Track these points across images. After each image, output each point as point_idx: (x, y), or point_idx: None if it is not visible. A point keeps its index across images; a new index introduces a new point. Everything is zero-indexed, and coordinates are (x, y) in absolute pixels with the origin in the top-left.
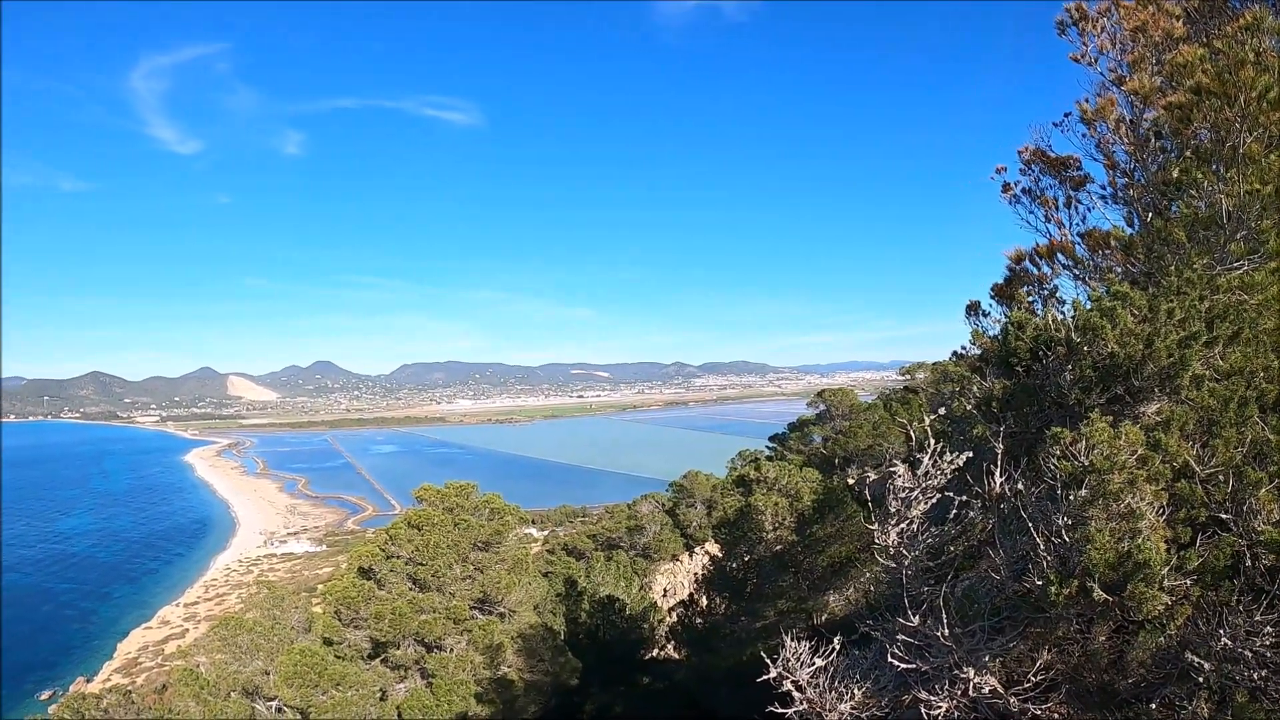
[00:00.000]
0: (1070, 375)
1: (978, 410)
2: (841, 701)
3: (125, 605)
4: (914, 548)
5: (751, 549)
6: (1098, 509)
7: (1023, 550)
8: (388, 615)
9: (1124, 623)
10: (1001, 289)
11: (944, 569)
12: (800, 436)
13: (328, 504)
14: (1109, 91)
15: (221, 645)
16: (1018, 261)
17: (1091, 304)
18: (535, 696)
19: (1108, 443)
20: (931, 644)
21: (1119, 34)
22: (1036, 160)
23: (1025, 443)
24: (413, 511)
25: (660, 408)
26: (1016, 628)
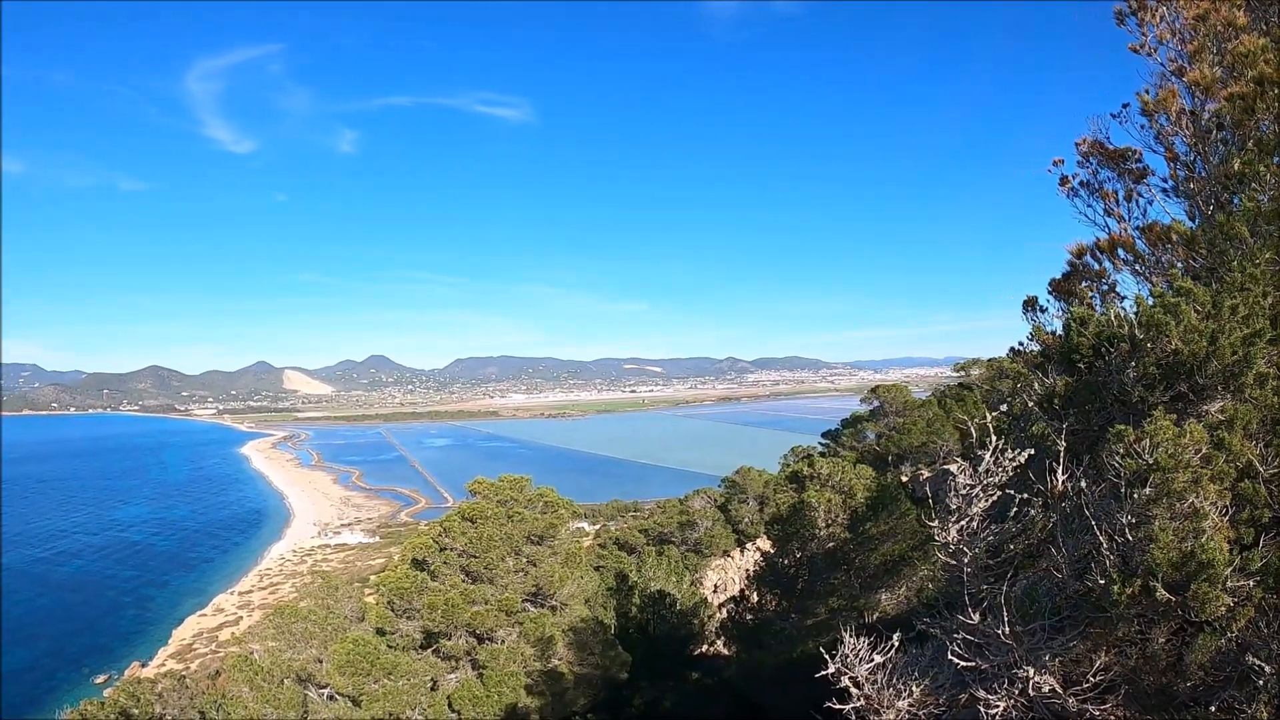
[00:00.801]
0: (1133, 372)
1: (1039, 407)
2: (899, 699)
3: (182, 593)
4: (974, 545)
5: (803, 546)
6: (1161, 508)
7: (1085, 549)
8: (440, 606)
9: (1184, 624)
10: (1060, 284)
11: (1004, 567)
12: (854, 433)
13: (381, 496)
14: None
15: (276, 633)
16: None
17: (1154, 300)
18: (584, 689)
19: (1171, 441)
20: (991, 642)
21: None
22: (1095, 152)
23: (1087, 440)
24: (466, 504)
25: (713, 403)
26: (1077, 627)
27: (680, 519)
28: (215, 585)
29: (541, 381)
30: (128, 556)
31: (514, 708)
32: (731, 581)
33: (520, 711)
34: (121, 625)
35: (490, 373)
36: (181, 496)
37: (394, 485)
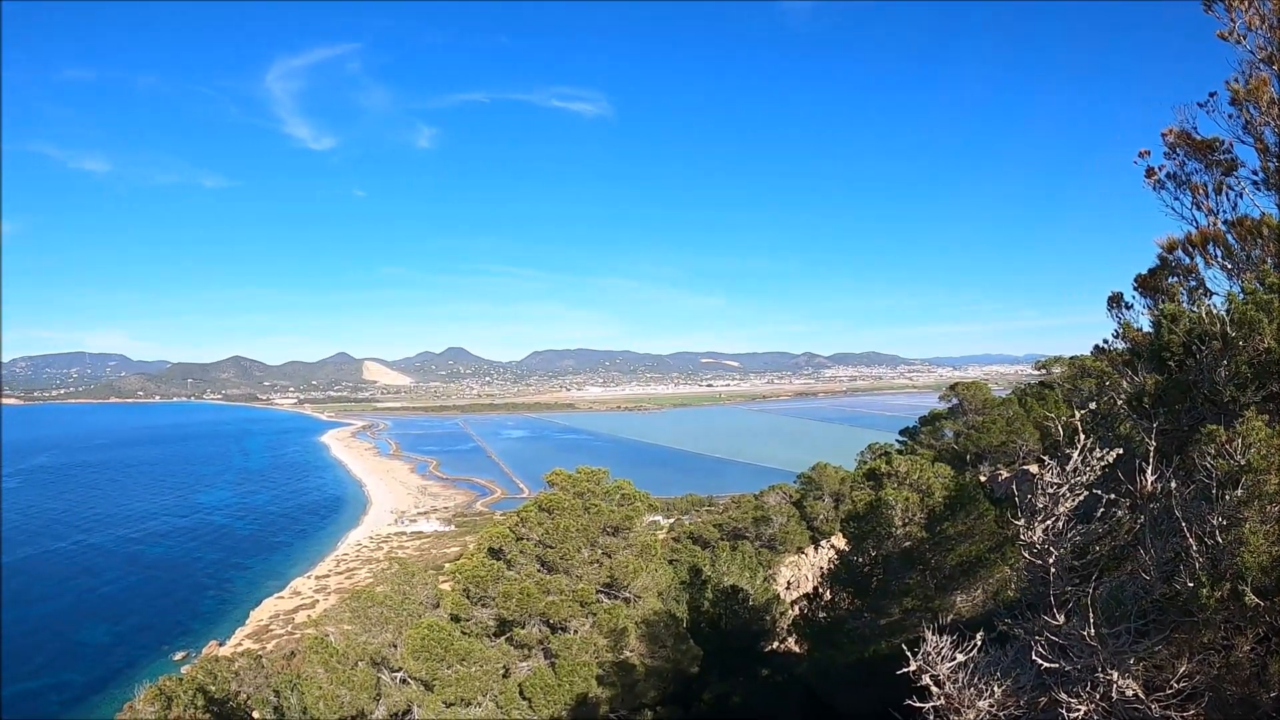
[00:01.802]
0: (1225, 371)
1: (1128, 406)
2: (980, 699)
3: (260, 575)
4: (1060, 545)
5: (879, 544)
6: (1252, 510)
7: (1173, 551)
8: (515, 595)
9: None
10: (1146, 280)
11: (1089, 568)
12: (931, 431)
13: (457, 486)
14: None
15: (352, 616)
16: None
17: (1246, 296)
18: (655, 682)
19: (1264, 442)
20: (1074, 644)
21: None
22: (1181, 143)
23: (1177, 440)
24: (543, 495)
25: (789, 398)
26: (1162, 631)
27: (755, 514)
28: (293, 569)
29: (618, 375)
30: (210, 539)
31: (584, 698)
32: (805, 578)
33: (591, 702)
34: (201, 605)
35: (567, 365)
36: (262, 483)
37: (470, 475)
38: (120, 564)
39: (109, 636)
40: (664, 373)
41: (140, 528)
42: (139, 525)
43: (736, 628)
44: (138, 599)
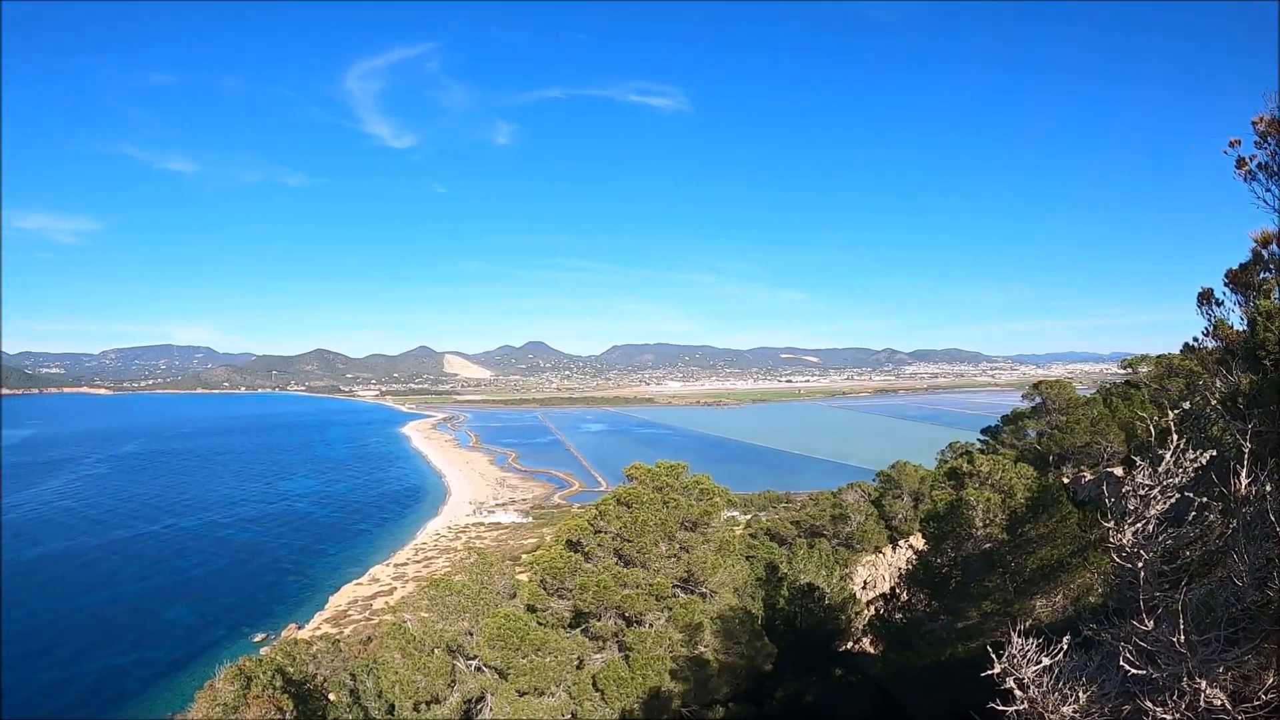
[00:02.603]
0: None
1: (1221, 406)
2: (1064, 704)
3: (339, 562)
4: (1150, 549)
5: (958, 545)
6: None
7: (1266, 557)
8: (592, 587)
9: None
10: (1237, 275)
11: (1179, 573)
12: (1014, 430)
13: (536, 478)
14: None
15: (429, 604)
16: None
17: None
18: (729, 678)
19: None
20: (1162, 651)
21: None
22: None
23: (1272, 443)
24: (623, 489)
25: (869, 395)
26: (1252, 640)
27: (833, 512)
28: (372, 556)
29: (697, 369)
30: (292, 526)
31: (658, 691)
32: (882, 578)
33: (664, 696)
34: (282, 589)
35: (647, 360)
36: (344, 472)
37: (549, 468)
38: (205, 548)
39: (192, 617)
40: (743, 368)
41: (225, 514)
42: (224, 511)
43: (811, 626)
44: (221, 582)
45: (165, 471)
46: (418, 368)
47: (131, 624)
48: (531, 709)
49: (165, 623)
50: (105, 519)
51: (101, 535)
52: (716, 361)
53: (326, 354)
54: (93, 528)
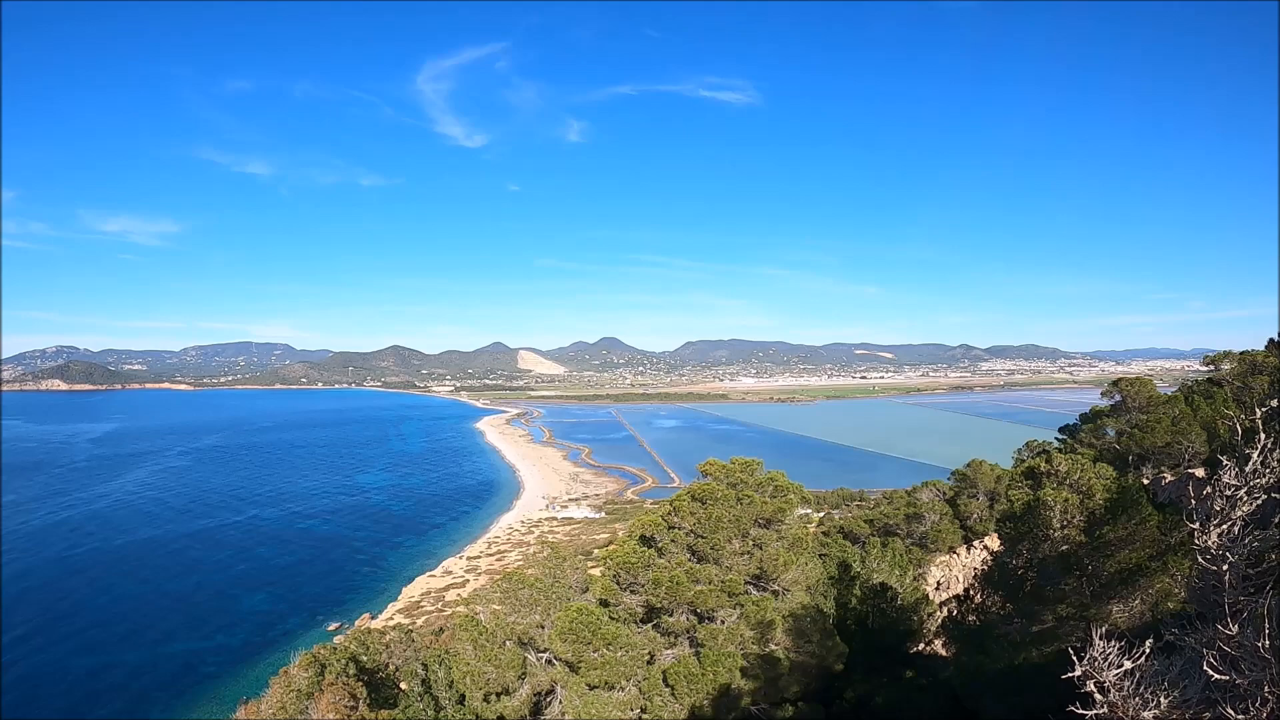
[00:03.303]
0: None
1: None
2: (1145, 709)
3: (413, 554)
4: (1235, 551)
5: (1034, 546)
6: None
7: None
8: (665, 583)
9: None
10: None
11: (1264, 576)
12: (1092, 429)
13: (609, 474)
14: None
15: (502, 597)
16: None
17: None
18: (799, 676)
19: None
20: (1246, 657)
21: None
22: None
23: None
24: (697, 484)
25: (945, 392)
26: None
27: (907, 511)
28: (445, 549)
29: (771, 365)
30: (367, 518)
31: (727, 689)
32: (955, 579)
33: (733, 693)
34: (356, 580)
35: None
36: (419, 466)
37: (622, 464)
38: (284, 538)
39: (269, 605)
40: (817, 364)
41: (303, 505)
42: (302, 503)
43: (883, 626)
44: (298, 572)
45: (245, 464)
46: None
47: (211, 610)
48: (601, 703)
49: (243, 610)
50: (191, 509)
51: (186, 525)
52: (790, 357)
53: (402, 350)
54: (178, 517)
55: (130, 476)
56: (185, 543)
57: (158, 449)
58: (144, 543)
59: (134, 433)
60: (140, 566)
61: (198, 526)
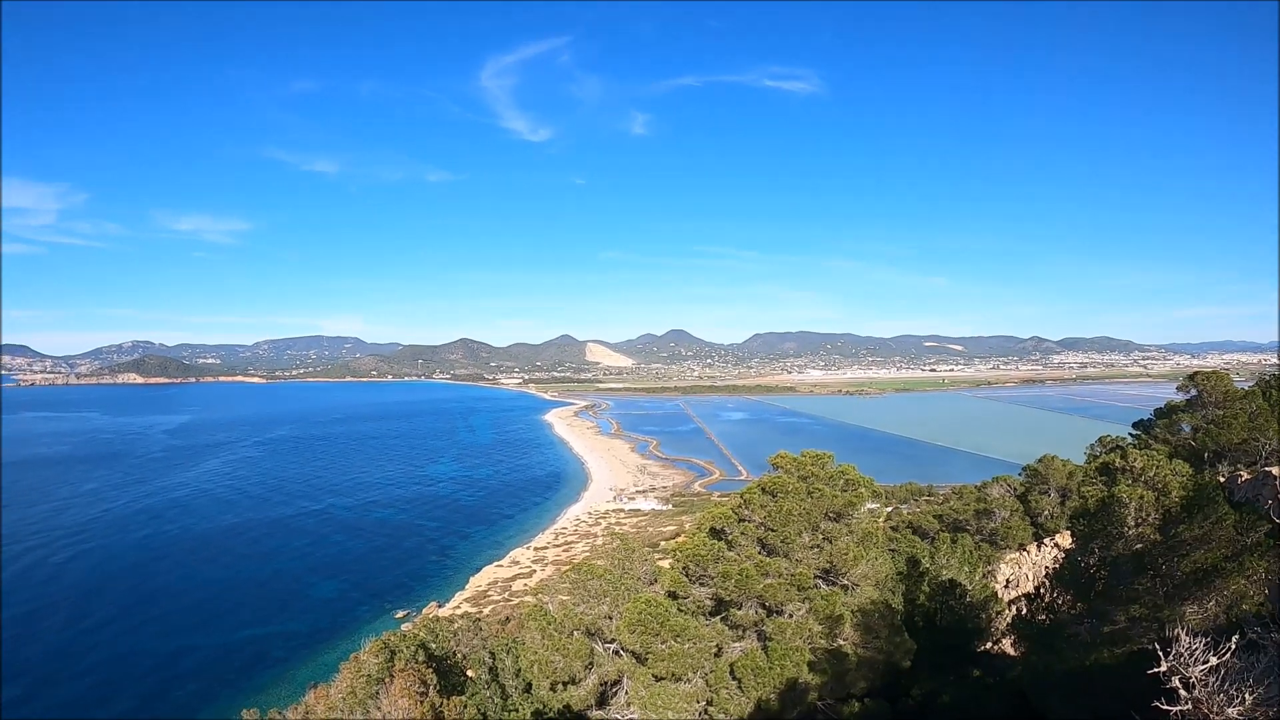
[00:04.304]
0: None
1: None
2: (1229, 706)
3: (481, 544)
4: None
5: (1108, 545)
6: None
7: None
8: (734, 576)
9: None
10: None
11: None
12: (1167, 424)
13: (676, 466)
14: None
15: (571, 587)
16: None
17: None
18: (866, 672)
19: None
20: None
21: None
22: None
23: None
24: (767, 477)
25: (1015, 385)
26: None
27: (976, 506)
28: (513, 540)
29: (839, 358)
30: (435, 508)
31: (794, 683)
32: (1024, 577)
33: (800, 687)
34: (424, 569)
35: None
36: (486, 457)
37: (689, 456)
38: (356, 526)
39: (337, 592)
40: (886, 356)
41: (375, 495)
42: (374, 492)
43: (951, 624)
44: (366, 560)
45: (318, 455)
46: (560, 356)
47: (285, 596)
48: (667, 695)
49: (313, 596)
50: (270, 497)
51: (266, 512)
52: (859, 349)
53: (471, 343)
54: (258, 505)
55: (205, 466)
56: (266, 529)
57: (231, 440)
58: (226, 529)
59: (208, 424)
60: (222, 552)
61: (277, 514)
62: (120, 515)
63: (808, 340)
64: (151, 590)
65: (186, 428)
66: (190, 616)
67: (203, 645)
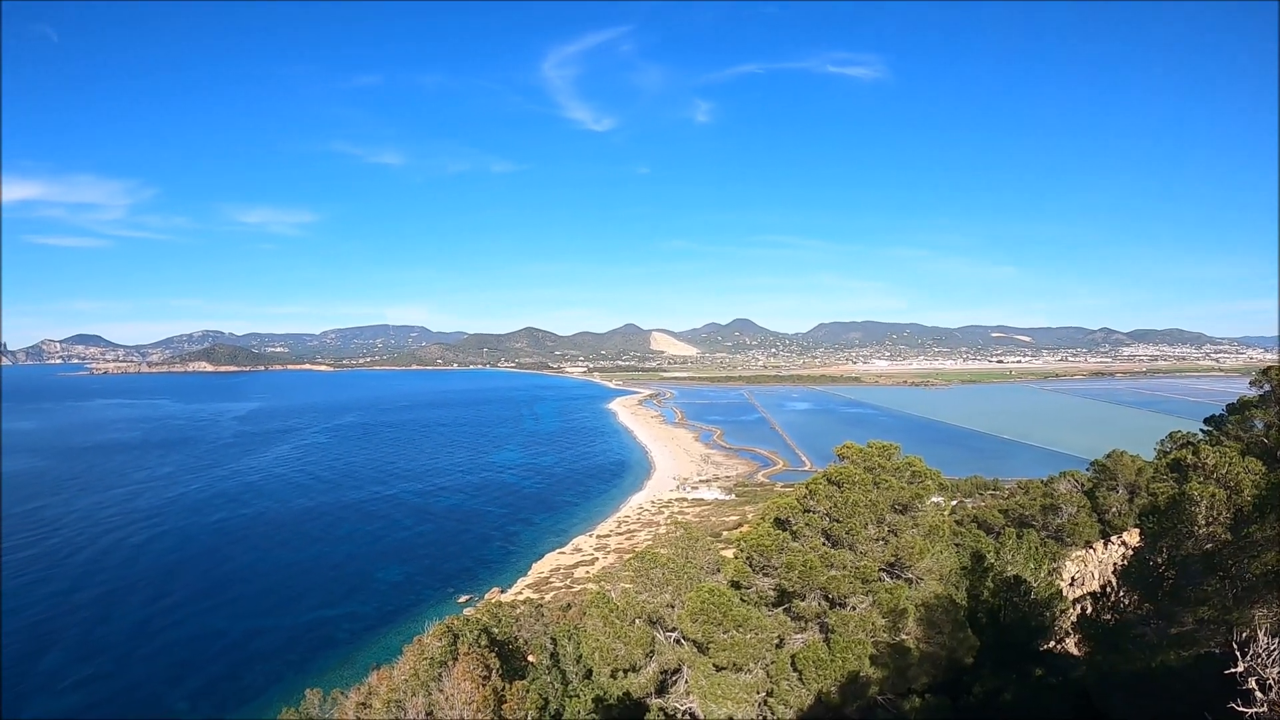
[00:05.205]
0: None
1: None
2: None
3: (544, 531)
4: None
5: (1177, 544)
6: None
7: None
8: (798, 566)
9: None
10: None
11: None
12: (1240, 420)
13: (740, 456)
14: None
15: (634, 575)
16: None
17: None
18: (928, 668)
19: None
20: None
21: None
22: None
23: None
24: (834, 467)
25: (1084, 378)
26: None
27: (1043, 502)
28: (575, 527)
29: (905, 348)
30: (499, 495)
31: (855, 676)
32: (1090, 576)
33: (861, 681)
34: (487, 555)
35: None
36: (551, 445)
37: (753, 446)
38: (417, 512)
39: (401, 576)
40: (952, 347)
41: (436, 481)
42: (435, 479)
43: (1014, 621)
44: (430, 545)
45: (385, 441)
46: (624, 345)
47: (344, 580)
48: (727, 684)
49: (380, 579)
50: (341, 482)
51: (338, 496)
52: (925, 340)
53: (536, 331)
54: (330, 489)
55: (276, 452)
56: (339, 513)
57: (300, 426)
58: (300, 512)
59: (277, 411)
60: (295, 536)
61: (349, 498)
62: (196, 499)
63: (873, 330)
64: (227, 573)
65: (256, 414)
66: (263, 600)
67: (274, 627)
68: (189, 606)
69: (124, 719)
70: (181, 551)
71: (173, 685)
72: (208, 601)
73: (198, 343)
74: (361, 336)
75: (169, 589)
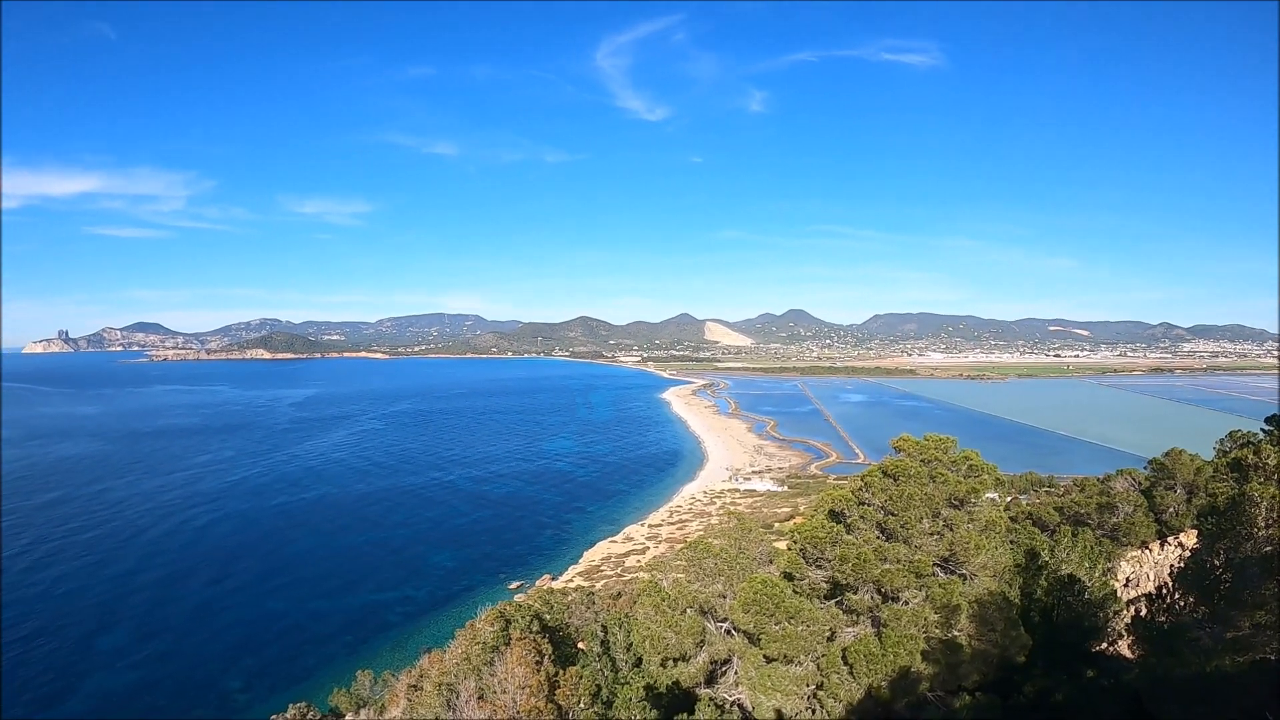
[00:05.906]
0: None
1: None
2: None
3: (596, 519)
4: None
5: (1236, 546)
6: None
7: None
8: (851, 559)
9: None
10: None
11: None
12: None
13: (793, 447)
14: None
15: (686, 565)
16: None
17: None
18: (980, 665)
19: None
20: None
21: None
22: None
23: None
24: (889, 460)
25: (1142, 374)
26: None
27: (1099, 500)
28: (627, 515)
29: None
30: (552, 483)
31: (906, 671)
32: (1145, 576)
33: (912, 676)
34: (539, 542)
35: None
36: (604, 434)
37: (806, 437)
38: (470, 499)
39: (454, 562)
40: (1008, 340)
41: (492, 468)
42: (489, 466)
43: (1067, 621)
44: (485, 531)
45: (442, 428)
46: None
47: (397, 565)
48: (777, 676)
49: (434, 564)
50: (399, 467)
51: (392, 481)
52: (981, 332)
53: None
54: (387, 475)
55: (333, 438)
56: (398, 499)
57: (357, 412)
58: (358, 497)
59: (334, 398)
60: (355, 520)
61: (407, 484)
62: (257, 483)
63: (928, 322)
64: (287, 556)
65: (313, 400)
66: (321, 583)
67: (330, 610)
68: (250, 589)
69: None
70: (243, 534)
71: (229, 665)
72: (267, 584)
73: (255, 330)
74: (417, 325)
75: (230, 571)
